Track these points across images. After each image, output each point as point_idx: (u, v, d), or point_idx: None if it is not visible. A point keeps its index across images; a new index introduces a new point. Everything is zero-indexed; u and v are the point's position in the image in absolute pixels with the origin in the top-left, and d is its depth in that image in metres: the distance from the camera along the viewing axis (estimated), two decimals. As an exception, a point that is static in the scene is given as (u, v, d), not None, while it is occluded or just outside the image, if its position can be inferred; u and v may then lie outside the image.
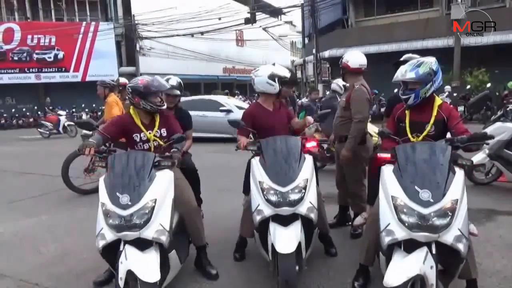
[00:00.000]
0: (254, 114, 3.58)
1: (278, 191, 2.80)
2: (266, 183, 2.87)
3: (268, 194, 2.82)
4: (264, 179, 2.89)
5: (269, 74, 3.42)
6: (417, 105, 2.85)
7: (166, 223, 2.67)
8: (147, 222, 2.53)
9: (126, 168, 2.73)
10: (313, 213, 2.88)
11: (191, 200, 3.24)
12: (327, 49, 21.92)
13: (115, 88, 6.43)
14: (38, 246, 4.13)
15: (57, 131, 16.11)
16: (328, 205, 4.22)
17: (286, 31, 36.23)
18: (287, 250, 2.60)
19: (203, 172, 4.14)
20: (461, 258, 2.25)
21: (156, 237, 2.57)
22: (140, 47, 29.04)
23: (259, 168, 2.99)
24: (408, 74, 2.78)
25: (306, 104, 8.50)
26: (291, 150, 3.02)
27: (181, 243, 3.13)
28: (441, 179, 2.27)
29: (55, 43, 25.92)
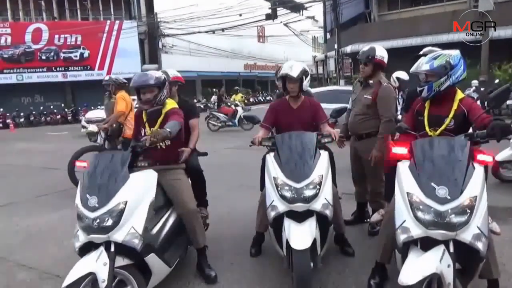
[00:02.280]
0: (277, 108, 3.59)
1: (292, 187, 2.78)
2: (280, 179, 2.84)
3: (282, 190, 2.80)
4: (279, 175, 2.87)
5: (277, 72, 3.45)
6: (437, 99, 2.77)
7: (140, 226, 2.55)
8: (116, 225, 2.44)
9: (98, 169, 2.67)
10: (328, 210, 2.84)
11: (188, 201, 3.14)
12: (349, 44, 21.59)
13: (124, 86, 6.39)
14: (62, 240, 4.25)
15: (232, 123, 14.97)
16: (347, 202, 4.19)
17: (307, 27, 35.89)
18: (302, 246, 2.58)
19: (222, 169, 4.17)
20: (481, 257, 2.18)
21: (127, 240, 2.47)
22: (162, 45, 29.46)
23: (273, 163, 2.97)
24: (423, 66, 2.73)
25: None
26: (306, 146, 2.97)
27: (174, 246, 3.05)
28: (459, 175, 2.20)
29: (81, 42, 26.62)
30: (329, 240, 3.12)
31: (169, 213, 3.12)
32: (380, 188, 3.83)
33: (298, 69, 3.35)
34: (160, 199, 3.02)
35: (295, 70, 3.33)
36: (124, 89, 6.45)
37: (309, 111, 3.50)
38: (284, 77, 3.43)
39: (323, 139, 3.15)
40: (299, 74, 3.33)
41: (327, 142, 3.19)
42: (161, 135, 2.76)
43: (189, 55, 31.45)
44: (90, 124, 6.83)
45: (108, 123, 6.22)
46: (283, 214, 2.82)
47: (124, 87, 6.47)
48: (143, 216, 2.62)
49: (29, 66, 25.81)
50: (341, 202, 3.50)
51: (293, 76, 3.33)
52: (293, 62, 3.49)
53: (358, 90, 3.98)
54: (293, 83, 3.39)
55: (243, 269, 3.36)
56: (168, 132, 2.80)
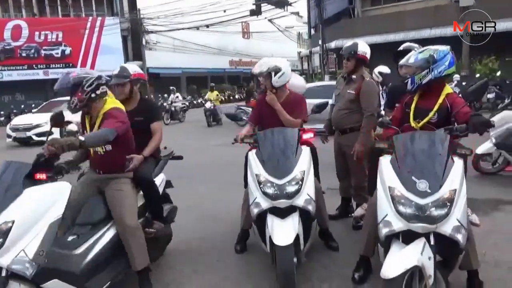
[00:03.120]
0: (260, 105, 3.58)
1: (274, 183, 2.79)
2: (262, 176, 2.85)
3: (265, 187, 2.81)
4: (261, 172, 2.88)
5: None
6: (426, 92, 2.80)
7: (31, 250, 2.20)
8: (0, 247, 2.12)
9: None
10: (311, 205, 2.85)
11: (125, 216, 2.76)
12: (334, 39, 21.70)
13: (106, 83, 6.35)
14: None
15: None
16: (331, 197, 4.22)
17: (292, 22, 35.89)
18: (284, 242, 2.59)
19: (207, 166, 4.15)
20: (460, 248, 2.22)
21: (14, 267, 2.15)
22: (146, 41, 29.11)
23: (255, 161, 2.99)
24: (410, 59, 2.77)
25: None
26: (288, 142, 2.99)
27: (108, 267, 2.72)
28: (439, 169, 2.23)
29: (62, 39, 26.12)
30: (313, 235, 3.15)
31: (106, 229, 2.76)
32: (364, 183, 3.86)
33: (265, 65, 3.33)
34: (100, 212, 2.80)
35: (261, 67, 3.33)
36: (108, 86, 6.37)
37: (293, 107, 3.47)
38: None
39: (305, 135, 3.18)
40: (265, 71, 3.30)
41: (310, 138, 3.21)
42: (61, 143, 2.33)
43: (173, 51, 31.16)
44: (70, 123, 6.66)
45: None
46: (266, 211, 2.83)
47: (108, 85, 6.38)
48: (37, 238, 2.25)
49: (9, 64, 25.25)
50: (326, 197, 3.53)
51: (256, 73, 3.36)
52: (265, 59, 3.47)
53: (342, 86, 4.01)
54: (264, 80, 3.38)
55: (228, 266, 3.36)
56: (79, 141, 2.39)
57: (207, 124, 15.25)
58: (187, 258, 3.57)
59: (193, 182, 6.52)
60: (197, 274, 3.27)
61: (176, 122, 17.29)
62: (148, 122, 3.28)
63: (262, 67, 3.34)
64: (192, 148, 9.93)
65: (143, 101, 3.46)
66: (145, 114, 3.26)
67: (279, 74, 3.33)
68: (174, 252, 3.70)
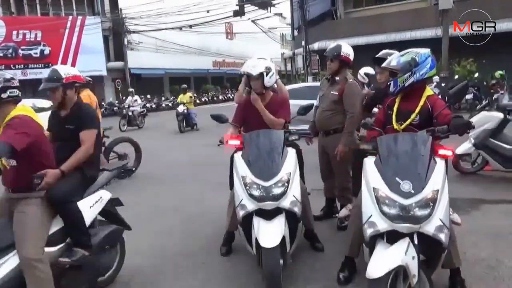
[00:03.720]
0: (245, 106, 3.56)
1: (261, 185, 2.80)
2: (249, 178, 2.86)
3: (251, 189, 2.81)
4: (247, 174, 2.88)
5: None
6: (407, 95, 2.85)
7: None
8: None
9: None
10: (297, 207, 2.87)
11: (24, 247, 2.35)
12: (317, 41, 21.86)
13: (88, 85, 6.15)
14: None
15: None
16: (316, 198, 4.25)
17: (275, 23, 36.04)
18: (270, 244, 2.60)
19: (193, 167, 4.12)
20: (443, 248, 2.26)
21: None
22: (128, 42, 28.71)
23: (241, 162, 2.98)
24: (392, 62, 2.82)
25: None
26: (274, 144, 3.00)
27: None
28: (422, 170, 2.27)
29: (41, 38, 25.53)
30: (299, 236, 3.15)
31: (7, 258, 2.36)
32: (348, 183, 3.90)
33: (259, 66, 3.33)
34: (4, 238, 2.39)
35: (256, 68, 3.33)
36: (89, 87, 6.24)
37: (276, 108, 3.49)
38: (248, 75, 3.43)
39: (291, 136, 3.18)
40: (258, 71, 3.30)
41: (295, 140, 3.22)
42: None
43: (156, 52, 30.85)
44: None
45: None
46: (252, 213, 2.83)
47: (89, 86, 6.26)
48: None
49: (-14, 64, 24.51)
50: (310, 198, 3.54)
51: (252, 74, 3.33)
52: (255, 59, 3.50)
53: (326, 87, 4.04)
54: (254, 81, 3.38)
55: (214, 268, 3.34)
56: None
57: (179, 129, 13.74)
58: (171, 260, 3.54)
59: (179, 182, 6.49)
60: (180, 276, 3.24)
61: (134, 129, 15.30)
62: (78, 131, 2.90)
63: (259, 68, 3.32)
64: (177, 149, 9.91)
65: (76, 106, 3.02)
66: (76, 122, 2.92)
67: (270, 74, 3.36)
68: (157, 254, 3.67)
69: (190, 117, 14.07)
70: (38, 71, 25.69)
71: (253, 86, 3.43)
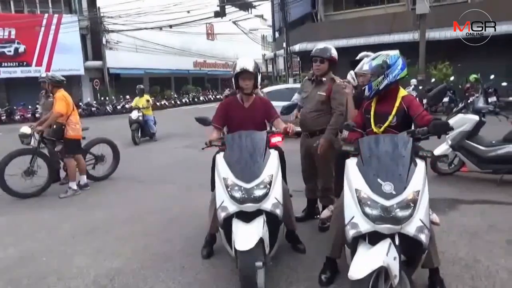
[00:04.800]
0: (228, 107, 3.52)
1: (242, 187, 2.76)
2: (230, 179, 2.82)
3: (232, 191, 2.78)
4: (229, 175, 2.84)
5: None
6: (382, 97, 2.89)
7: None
8: None
9: None
10: (279, 209, 2.85)
11: None
12: (298, 43, 22.01)
13: (62, 84, 6.06)
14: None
15: None
16: (297, 199, 4.24)
17: (256, 25, 36.11)
18: (245, 247, 2.56)
19: (174, 168, 4.06)
20: (423, 248, 2.29)
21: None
22: (106, 41, 28.17)
23: (223, 164, 2.94)
24: (364, 67, 2.88)
25: None
26: (256, 145, 2.97)
27: None
28: (403, 171, 2.30)
29: (15, 36, 24.71)
30: (280, 238, 3.14)
31: None
32: (331, 184, 3.91)
33: (253, 64, 3.36)
34: None
35: (251, 65, 3.33)
36: (63, 87, 6.07)
37: (261, 110, 3.48)
38: (238, 74, 3.34)
39: (274, 139, 3.15)
40: (254, 68, 3.32)
41: (278, 142, 3.20)
42: None
43: (135, 51, 30.39)
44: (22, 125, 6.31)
45: (44, 124, 5.83)
46: (233, 215, 2.80)
47: (63, 85, 6.08)
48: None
49: (-44, 62, 23.60)
50: (292, 199, 3.54)
51: (250, 69, 3.28)
52: (246, 58, 3.47)
53: (310, 88, 4.02)
54: (248, 80, 3.34)
55: (194, 271, 3.28)
56: None
57: (132, 140, 10.87)
58: (151, 263, 3.47)
59: (160, 184, 6.39)
60: (160, 280, 3.17)
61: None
62: None
63: (251, 65, 3.32)
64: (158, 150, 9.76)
65: None
66: None
67: (260, 75, 3.43)
68: (137, 257, 3.60)
69: (148, 125, 11.36)
70: (12, 69, 24.95)
71: (244, 86, 3.37)
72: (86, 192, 6.05)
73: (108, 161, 6.99)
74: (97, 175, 6.75)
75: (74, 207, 5.29)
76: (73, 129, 5.89)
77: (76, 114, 6.11)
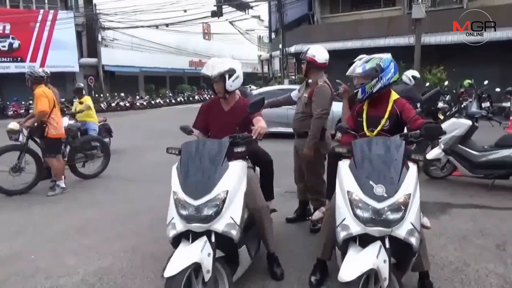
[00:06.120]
0: (208, 110, 3.30)
1: (189, 204, 2.42)
2: (179, 194, 2.50)
3: (179, 207, 2.46)
4: (177, 190, 2.52)
5: None
6: (374, 100, 2.89)
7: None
8: None
9: None
10: (235, 230, 2.48)
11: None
12: (294, 44, 22.01)
13: (42, 80, 5.87)
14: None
15: None
16: (290, 200, 4.24)
17: (253, 26, 36.14)
18: (168, 273, 2.19)
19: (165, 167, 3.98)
20: (414, 251, 2.29)
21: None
22: (102, 38, 28.03)
23: (175, 175, 2.63)
24: (356, 69, 2.86)
25: None
26: (214, 156, 2.61)
27: None
28: (395, 174, 2.29)
29: (9, 31, 24.52)
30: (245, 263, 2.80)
31: None
32: (319, 187, 3.92)
33: (219, 66, 3.00)
34: None
35: (215, 69, 2.99)
36: (44, 83, 5.94)
37: (243, 113, 3.01)
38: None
39: (237, 148, 2.73)
40: (216, 74, 2.97)
41: (241, 151, 2.76)
42: None
43: (131, 49, 30.28)
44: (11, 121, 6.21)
45: (30, 121, 5.75)
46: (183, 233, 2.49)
47: (43, 81, 5.90)
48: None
49: (-51, 56, 23.35)
50: (285, 200, 3.51)
51: (209, 75, 2.99)
52: (216, 60, 3.13)
53: (302, 90, 4.08)
54: (215, 84, 3.05)
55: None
56: None
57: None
58: (140, 262, 3.46)
59: (150, 182, 6.35)
60: (148, 280, 3.15)
61: None
62: None
63: (215, 70, 2.99)
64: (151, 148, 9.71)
65: None
66: None
67: (233, 77, 3.04)
68: (126, 256, 3.58)
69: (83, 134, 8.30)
70: (6, 65, 24.75)
71: (216, 89, 3.11)
72: (75, 190, 6.00)
73: (98, 159, 6.93)
74: (87, 173, 6.69)
75: (63, 205, 5.25)
76: (55, 128, 5.72)
77: (58, 111, 5.90)
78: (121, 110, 25.01)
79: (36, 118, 5.66)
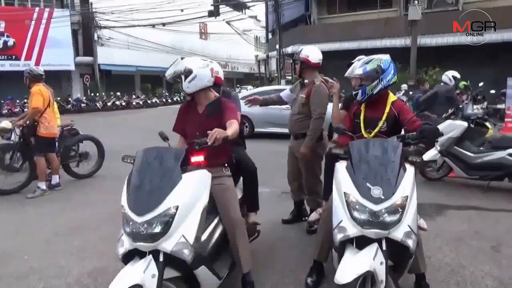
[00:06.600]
0: (185, 111, 3.05)
1: (134, 220, 2.17)
2: (125, 209, 2.25)
3: (125, 223, 2.24)
4: (124, 204, 2.28)
5: None
6: (372, 102, 2.88)
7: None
8: None
9: None
10: (187, 250, 2.20)
11: None
12: (290, 44, 22.05)
13: (40, 79, 5.81)
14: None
15: None
16: (286, 201, 4.23)
17: (250, 26, 36.12)
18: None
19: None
20: (410, 253, 2.28)
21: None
22: (98, 37, 27.92)
23: (124, 188, 2.36)
24: (356, 70, 2.84)
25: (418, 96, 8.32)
26: (165, 166, 2.33)
27: None
28: (392, 176, 2.28)
29: (4, 29, 24.39)
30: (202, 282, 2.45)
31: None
32: (316, 187, 3.90)
33: (173, 68, 2.85)
34: None
35: (169, 70, 2.86)
36: (42, 81, 5.89)
37: (217, 115, 2.80)
38: None
39: (194, 158, 2.51)
40: (170, 75, 2.84)
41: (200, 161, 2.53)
42: None
43: (127, 48, 30.18)
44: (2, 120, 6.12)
45: (24, 119, 5.69)
46: None
47: (41, 80, 5.84)
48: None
49: None
50: (281, 201, 3.49)
51: (168, 78, 2.89)
52: (178, 60, 2.95)
53: (297, 91, 4.04)
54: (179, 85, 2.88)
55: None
56: None
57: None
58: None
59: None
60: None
61: None
62: None
63: (169, 70, 2.84)
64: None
65: None
66: None
67: (189, 78, 2.79)
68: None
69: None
70: (0, 63, 24.58)
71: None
72: (69, 190, 5.94)
73: (93, 158, 6.87)
74: (82, 173, 6.64)
75: (57, 205, 5.20)
76: (46, 127, 5.62)
77: (52, 111, 5.82)
78: (117, 109, 24.94)
79: (29, 115, 5.60)
